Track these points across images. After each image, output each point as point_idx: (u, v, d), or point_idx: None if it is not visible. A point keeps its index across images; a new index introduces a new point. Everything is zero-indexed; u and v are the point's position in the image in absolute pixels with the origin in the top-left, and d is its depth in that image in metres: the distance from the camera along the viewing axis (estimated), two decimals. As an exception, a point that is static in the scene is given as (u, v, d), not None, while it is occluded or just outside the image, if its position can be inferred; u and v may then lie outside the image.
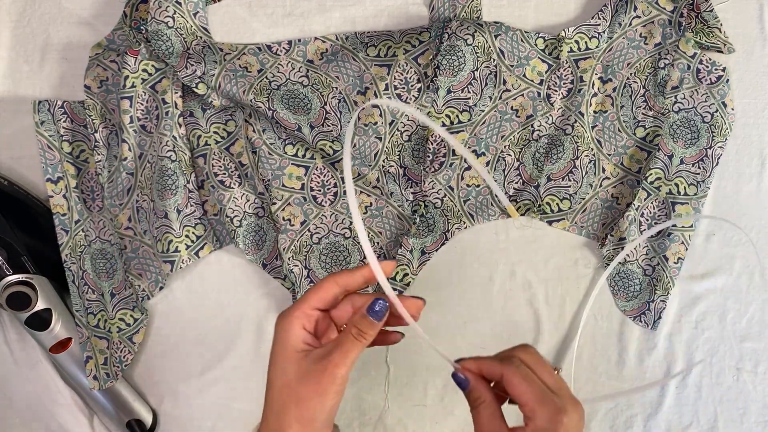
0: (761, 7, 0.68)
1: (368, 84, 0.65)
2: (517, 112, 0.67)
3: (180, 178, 0.64)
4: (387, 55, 0.65)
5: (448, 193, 0.67)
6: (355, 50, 0.66)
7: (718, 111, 0.66)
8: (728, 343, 0.67)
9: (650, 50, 0.66)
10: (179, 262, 0.65)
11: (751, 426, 0.67)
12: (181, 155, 0.65)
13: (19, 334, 0.66)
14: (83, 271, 0.65)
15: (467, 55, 0.64)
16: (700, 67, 0.66)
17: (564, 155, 0.66)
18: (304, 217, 0.66)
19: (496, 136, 0.67)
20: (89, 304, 0.65)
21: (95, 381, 0.64)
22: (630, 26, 0.66)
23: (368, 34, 0.67)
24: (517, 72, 0.66)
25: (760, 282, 0.67)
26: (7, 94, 0.68)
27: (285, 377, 0.42)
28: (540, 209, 0.66)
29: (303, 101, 0.65)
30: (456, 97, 0.65)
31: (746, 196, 0.68)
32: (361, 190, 0.67)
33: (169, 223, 0.64)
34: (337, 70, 0.66)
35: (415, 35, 0.65)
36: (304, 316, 0.43)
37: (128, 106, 0.64)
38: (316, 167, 0.66)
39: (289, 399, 0.41)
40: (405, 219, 0.67)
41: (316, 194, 0.66)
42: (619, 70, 0.66)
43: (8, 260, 0.61)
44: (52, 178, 0.65)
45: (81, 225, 0.66)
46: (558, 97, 0.66)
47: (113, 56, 0.65)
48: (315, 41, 0.67)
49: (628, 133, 0.66)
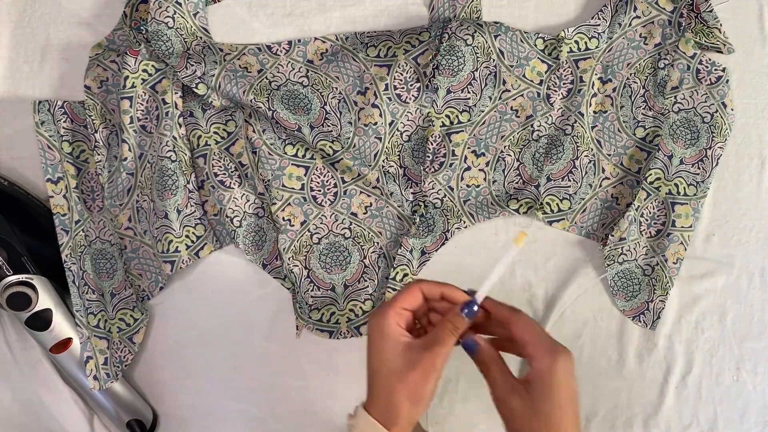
0: (761, 7, 0.68)
1: (368, 84, 0.65)
2: (516, 112, 0.67)
3: (180, 178, 0.64)
4: (387, 56, 0.65)
5: (448, 193, 0.67)
6: (355, 50, 0.66)
7: (718, 111, 0.66)
8: (728, 343, 0.67)
9: (650, 50, 0.66)
10: (179, 263, 0.65)
11: (751, 426, 0.67)
12: (181, 155, 0.65)
13: (19, 334, 0.66)
14: (83, 272, 0.65)
15: (467, 56, 0.64)
16: (700, 68, 0.66)
17: (564, 155, 0.66)
18: (304, 218, 0.66)
19: (496, 136, 0.67)
20: (89, 304, 0.65)
21: (95, 381, 0.64)
22: (630, 26, 0.66)
23: (368, 34, 0.67)
24: (517, 72, 0.66)
25: (760, 282, 0.67)
26: (7, 94, 0.68)
27: (391, 365, 0.48)
28: (541, 208, 0.66)
29: (303, 101, 0.65)
30: (456, 97, 0.65)
31: (746, 196, 0.68)
32: (361, 190, 0.67)
33: (169, 224, 0.64)
34: (337, 71, 0.66)
35: (415, 35, 0.65)
36: (396, 315, 0.49)
37: (128, 107, 0.64)
38: (316, 167, 0.66)
39: (399, 383, 0.48)
40: (405, 219, 0.67)
41: (316, 194, 0.66)
42: (619, 70, 0.66)
43: (8, 260, 0.61)
44: (52, 179, 0.65)
45: (81, 225, 0.66)
46: (558, 97, 0.66)
47: (113, 56, 0.65)
48: (315, 41, 0.67)
49: (628, 133, 0.66)
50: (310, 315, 0.66)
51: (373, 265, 0.67)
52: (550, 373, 0.47)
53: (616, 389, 0.67)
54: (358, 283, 0.67)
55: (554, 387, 0.47)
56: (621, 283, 0.66)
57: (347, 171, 0.66)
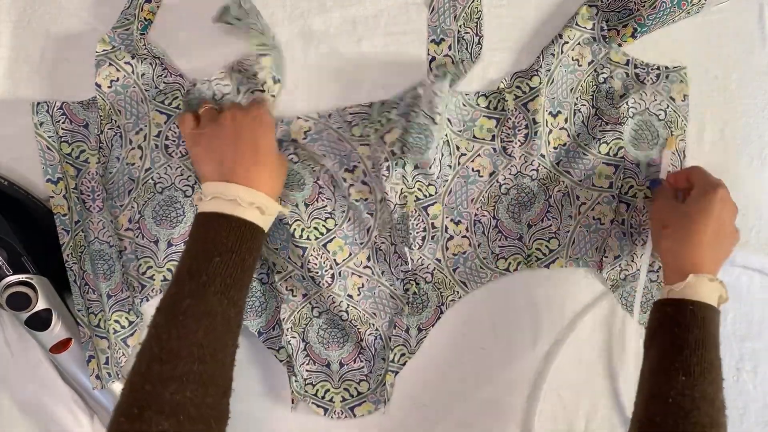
0: (761, 7, 0.68)
1: (356, 162, 0.65)
2: (479, 172, 0.67)
3: (188, 214, 0.64)
4: (363, 135, 0.65)
5: (437, 265, 0.67)
6: (340, 130, 0.65)
7: (669, 106, 0.66)
8: (728, 343, 0.67)
9: (586, 69, 0.67)
10: (148, 289, 0.65)
11: (751, 426, 0.67)
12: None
13: (19, 334, 0.66)
14: (84, 271, 0.65)
15: (435, 134, 0.62)
16: (638, 71, 0.67)
17: (536, 199, 0.66)
18: (305, 291, 0.66)
19: (466, 201, 0.67)
20: (90, 304, 0.65)
21: (97, 380, 0.64)
22: (562, 53, 0.66)
23: (350, 111, 0.66)
24: (467, 135, 0.66)
25: (760, 282, 0.68)
26: (7, 95, 0.68)
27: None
28: (530, 258, 0.67)
29: (296, 177, 0.65)
30: (420, 172, 0.65)
31: (746, 196, 0.68)
32: (353, 272, 0.66)
33: (156, 251, 0.64)
34: (323, 149, 0.65)
35: (386, 112, 0.64)
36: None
37: (163, 122, 0.64)
38: (312, 248, 0.65)
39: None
40: (398, 298, 0.67)
41: (314, 276, 0.65)
42: (565, 98, 0.67)
43: (8, 260, 0.61)
44: (52, 179, 0.65)
45: (81, 226, 0.66)
46: (516, 145, 0.66)
47: (128, 58, 0.65)
48: (297, 120, 0.66)
49: (593, 152, 0.66)
50: (306, 389, 0.67)
51: (369, 347, 0.67)
52: (706, 196, 0.58)
53: (616, 389, 0.67)
54: (353, 362, 0.67)
55: (707, 207, 0.58)
56: (633, 299, 0.66)
57: (338, 251, 0.66)
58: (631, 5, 0.65)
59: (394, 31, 0.68)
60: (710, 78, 0.68)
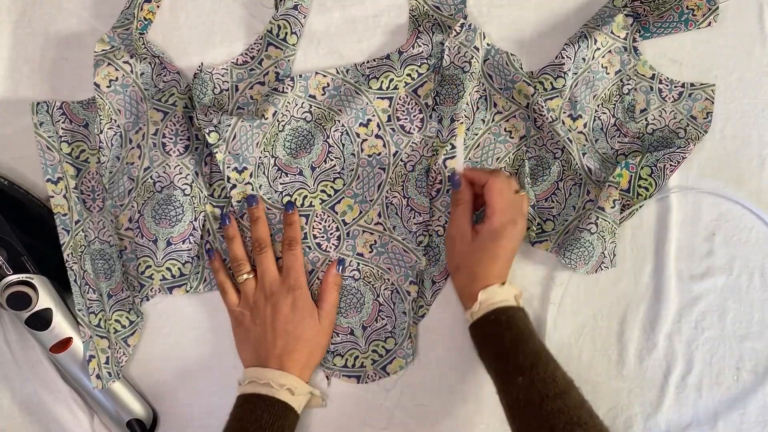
0: (761, 7, 0.68)
1: (371, 116, 0.65)
2: (510, 133, 0.67)
3: (187, 213, 0.64)
4: (389, 88, 0.66)
5: (448, 219, 0.67)
6: (357, 83, 0.66)
7: (689, 125, 0.66)
8: (728, 343, 0.67)
9: (612, 78, 0.67)
10: (147, 289, 0.65)
11: (751, 426, 0.67)
12: (197, 192, 0.65)
13: (19, 334, 0.66)
14: (84, 271, 0.65)
15: (466, 82, 0.64)
16: (661, 87, 0.67)
17: (548, 177, 0.66)
18: (312, 267, 0.66)
19: (492, 158, 0.67)
20: (90, 304, 0.65)
21: (98, 380, 0.64)
22: (593, 59, 0.66)
23: (368, 65, 0.67)
24: (506, 95, 0.66)
25: (760, 282, 0.68)
26: (7, 94, 0.68)
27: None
28: (539, 227, 0.67)
29: (306, 137, 0.66)
30: (452, 125, 0.65)
31: (746, 196, 0.68)
32: (364, 229, 0.67)
33: (155, 250, 0.64)
34: (340, 104, 0.66)
35: (416, 67, 0.66)
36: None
37: (159, 119, 0.64)
38: (316, 214, 0.66)
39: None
40: (411, 251, 0.67)
41: (320, 241, 0.66)
42: (587, 104, 0.66)
43: (8, 260, 0.61)
44: (52, 179, 0.65)
45: (81, 225, 0.66)
46: (546, 121, 0.65)
47: (126, 57, 0.65)
48: (316, 76, 0.67)
49: (612, 162, 0.66)
50: (334, 362, 0.67)
51: (387, 302, 0.67)
52: (497, 234, 0.60)
53: (616, 389, 0.67)
54: (375, 322, 0.67)
55: (498, 244, 0.60)
56: (576, 254, 0.64)
57: (348, 211, 0.66)
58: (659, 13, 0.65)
59: (395, 31, 0.68)
60: (710, 78, 0.68)
